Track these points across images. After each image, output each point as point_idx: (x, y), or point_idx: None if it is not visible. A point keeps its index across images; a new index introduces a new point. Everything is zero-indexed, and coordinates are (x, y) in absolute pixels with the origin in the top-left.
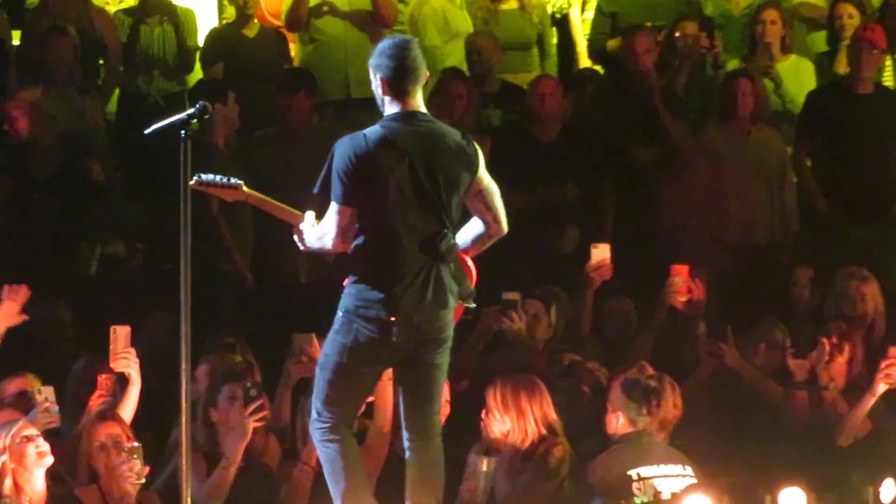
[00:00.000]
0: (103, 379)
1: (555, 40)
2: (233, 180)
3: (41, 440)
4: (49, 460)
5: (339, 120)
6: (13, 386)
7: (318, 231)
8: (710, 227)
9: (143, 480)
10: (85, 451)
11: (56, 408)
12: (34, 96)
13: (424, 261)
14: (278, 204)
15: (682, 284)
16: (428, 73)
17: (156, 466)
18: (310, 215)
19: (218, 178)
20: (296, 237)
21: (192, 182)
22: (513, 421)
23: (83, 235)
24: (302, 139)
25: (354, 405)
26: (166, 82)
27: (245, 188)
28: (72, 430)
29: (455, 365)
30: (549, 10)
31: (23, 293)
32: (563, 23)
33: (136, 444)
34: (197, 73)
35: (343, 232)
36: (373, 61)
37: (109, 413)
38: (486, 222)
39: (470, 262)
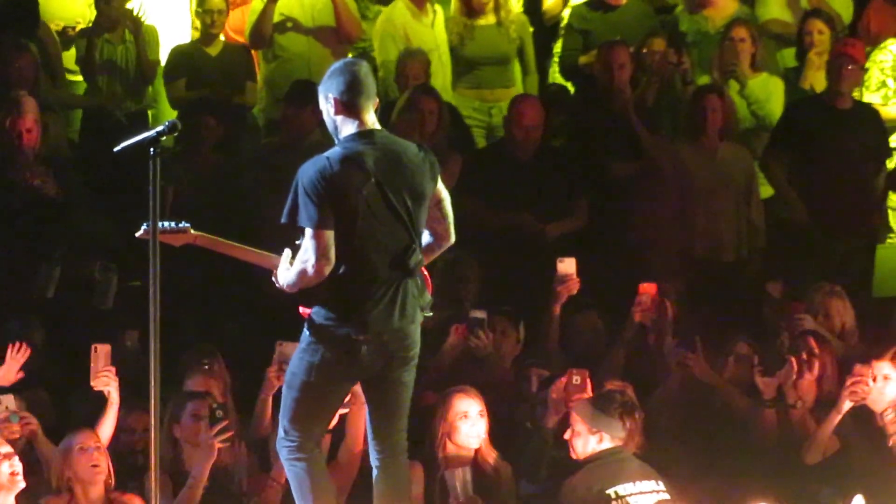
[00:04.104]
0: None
1: None
2: (181, 224)
3: (16, 460)
4: (21, 484)
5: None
6: None
7: (297, 265)
8: (678, 243)
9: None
10: (61, 459)
11: (17, 416)
12: None
13: (393, 277)
14: (231, 243)
15: (650, 303)
16: (377, 99)
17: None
18: (286, 254)
19: (166, 224)
20: (276, 281)
21: (139, 232)
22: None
23: (46, 256)
24: (300, 151)
25: (322, 424)
26: (130, 100)
27: (192, 231)
28: None
29: (423, 379)
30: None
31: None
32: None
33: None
34: (162, 94)
35: (323, 255)
36: (323, 85)
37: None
38: (437, 232)
39: (425, 271)
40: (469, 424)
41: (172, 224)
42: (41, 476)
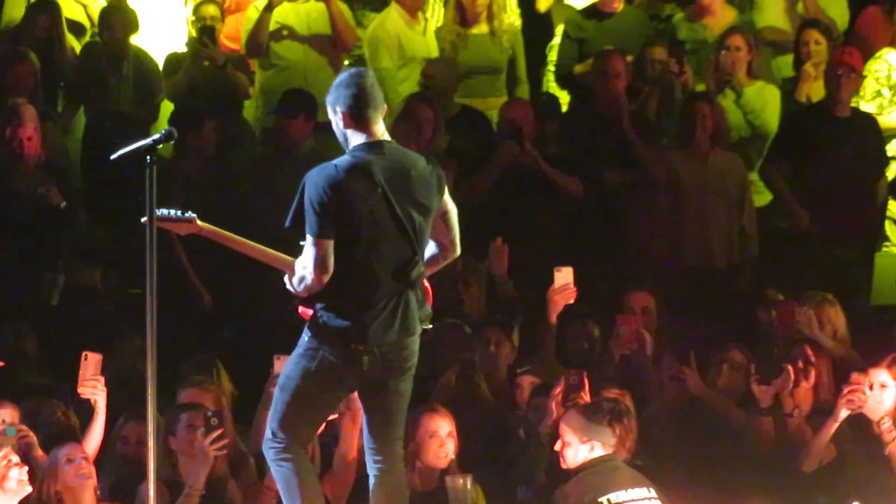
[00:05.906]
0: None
1: None
2: (187, 214)
3: (25, 470)
4: (27, 489)
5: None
6: None
7: (298, 270)
8: (669, 251)
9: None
10: (48, 473)
11: (14, 429)
12: None
13: (395, 289)
14: (235, 237)
15: (629, 335)
16: (386, 106)
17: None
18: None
19: (171, 212)
20: (288, 285)
21: (144, 218)
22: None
23: (49, 263)
24: (296, 159)
25: (312, 429)
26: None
27: (198, 221)
28: None
29: (427, 392)
30: None
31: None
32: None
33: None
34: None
35: (321, 264)
36: (330, 97)
37: (68, 434)
38: (443, 244)
39: (427, 284)
40: (437, 444)
41: (178, 213)
42: (34, 486)
